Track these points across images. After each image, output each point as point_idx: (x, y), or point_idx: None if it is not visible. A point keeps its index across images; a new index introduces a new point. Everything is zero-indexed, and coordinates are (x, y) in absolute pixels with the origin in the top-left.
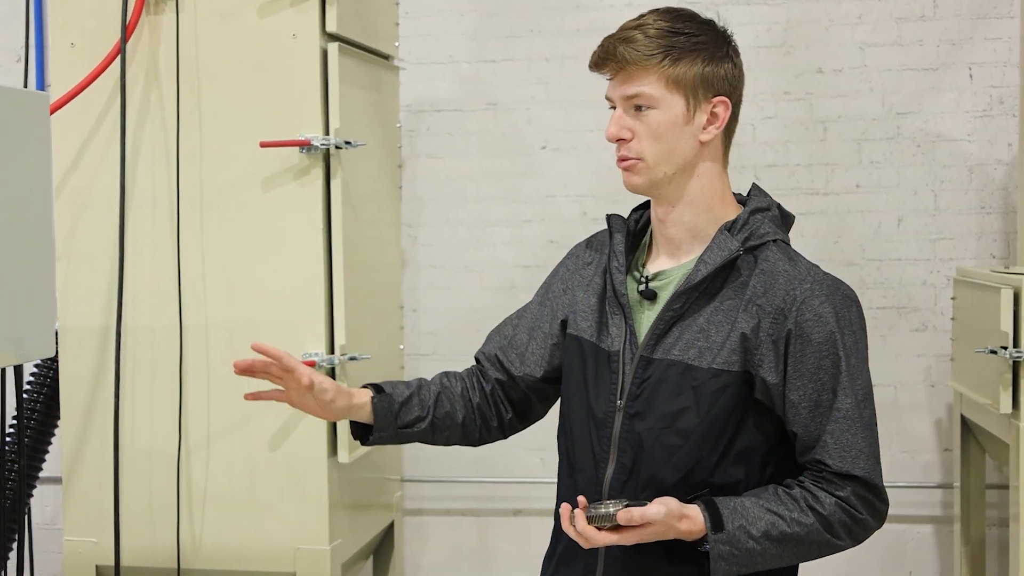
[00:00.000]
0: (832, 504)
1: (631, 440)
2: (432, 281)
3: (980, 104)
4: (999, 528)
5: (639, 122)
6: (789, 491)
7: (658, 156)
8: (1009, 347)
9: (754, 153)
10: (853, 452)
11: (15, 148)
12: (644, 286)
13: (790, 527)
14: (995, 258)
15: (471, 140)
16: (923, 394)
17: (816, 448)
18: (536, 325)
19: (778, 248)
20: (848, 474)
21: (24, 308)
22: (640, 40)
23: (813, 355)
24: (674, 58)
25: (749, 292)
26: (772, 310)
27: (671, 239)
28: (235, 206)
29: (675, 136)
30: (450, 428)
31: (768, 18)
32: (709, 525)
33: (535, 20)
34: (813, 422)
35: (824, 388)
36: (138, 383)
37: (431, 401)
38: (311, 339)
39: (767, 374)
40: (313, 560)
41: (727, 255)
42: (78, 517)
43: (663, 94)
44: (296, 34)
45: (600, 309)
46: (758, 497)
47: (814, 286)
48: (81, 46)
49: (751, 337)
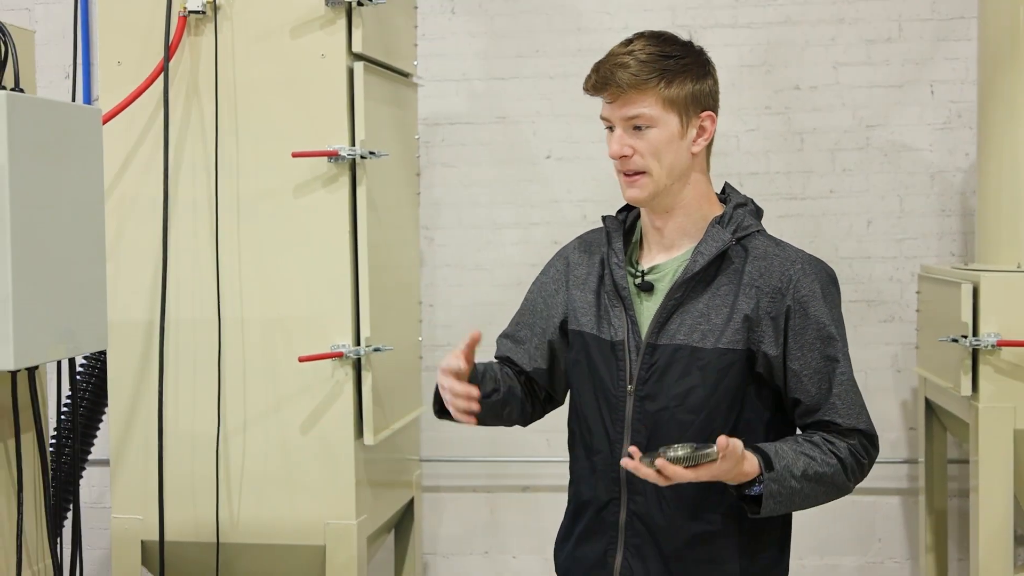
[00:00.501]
0: (846, 449)
1: (644, 420)
2: (447, 278)
3: (941, 117)
4: (960, 499)
5: (639, 140)
6: (810, 438)
7: (660, 170)
8: (969, 336)
9: (738, 162)
10: (856, 408)
11: (70, 158)
12: (640, 279)
13: (821, 467)
14: (955, 256)
15: (482, 150)
16: (891, 378)
17: (823, 409)
18: (533, 322)
19: (764, 236)
20: (855, 428)
21: (78, 305)
22: (635, 65)
23: (811, 327)
24: (668, 80)
25: (746, 277)
26: (770, 290)
27: (663, 236)
28: (269, 211)
29: (672, 151)
30: (512, 403)
31: (750, 40)
32: (763, 465)
33: (540, 42)
34: (816, 387)
35: (822, 356)
36: (180, 372)
37: (500, 376)
38: (338, 332)
39: (768, 348)
40: (341, 534)
41: (721, 245)
42: (125, 496)
43: (660, 114)
44: (325, 54)
45: (597, 303)
46: (785, 442)
47: (805, 266)
48: (127, 64)
49: (752, 316)
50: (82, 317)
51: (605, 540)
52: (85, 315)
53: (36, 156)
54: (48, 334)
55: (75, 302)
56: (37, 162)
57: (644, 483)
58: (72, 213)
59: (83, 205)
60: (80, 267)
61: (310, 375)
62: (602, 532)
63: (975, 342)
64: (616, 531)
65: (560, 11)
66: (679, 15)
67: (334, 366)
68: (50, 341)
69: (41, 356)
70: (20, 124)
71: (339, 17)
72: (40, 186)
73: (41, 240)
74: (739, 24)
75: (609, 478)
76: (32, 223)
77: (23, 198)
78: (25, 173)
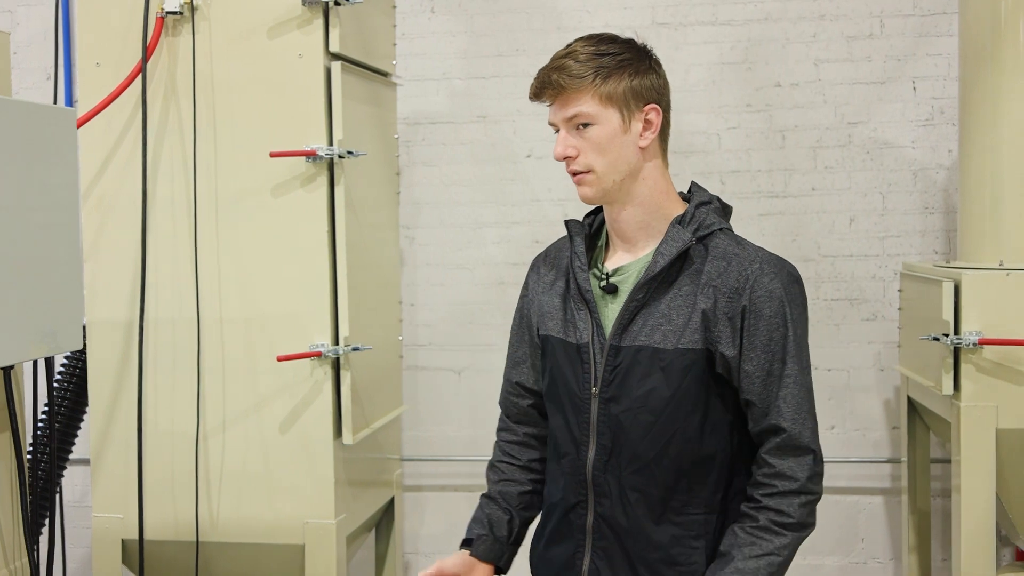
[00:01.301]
0: (796, 507)
1: (608, 423)
2: (428, 278)
3: (923, 114)
4: (942, 498)
5: (582, 139)
6: (757, 524)
7: (605, 167)
8: (950, 334)
9: (719, 160)
10: (803, 414)
11: (45, 159)
12: (605, 281)
13: (780, 555)
14: (938, 254)
15: (463, 149)
16: (873, 377)
17: (770, 414)
18: (528, 338)
19: (725, 235)
20: (801, 446)
21: (54, 305)
22: (571, 66)
23: (765, 327)
24: (603, 76)
25: (705, 276)
26: (727, 290)
27: (626, 237)
28: (247, 210)
29: (616, 146)
30: (532, 494)
31: (731, 37)
32: None
33: (520, 41)
34: (766, 389)
35: (775, 358)
36: (160, 372)
37: (503, 504)
38: (317, 331)
39: (725, 348)
40: (320, 533)
41: (681, 245)
42: (105, 495)
43: (599, 110)
44: (302, 54)
45: (564, 308)
46: (740, 549)
47: (763, 265)
48: (106, 66)
49: (710, 316)
50: (58, 317)
51: (573, 542)
52: (61, 315)
53: (9, 157)
54: (23, 334)
55: (50, 302)
56: (10, 163)
57: (610, 486)
58: (47, 214)
59: (58, 206)
60: (55, 267)
61: (289, 374)
62: (570, 534)
63: (956, 340)
64: (584, 534)
65: (539, 10)
66: (658, 12)
67: (313, 365)
68: (25, 341)
69: (16, 356)
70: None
71: (316, 17)
72: (13, 187)
73: (15, 240)
74: (719, 21)
75: (576, 480)
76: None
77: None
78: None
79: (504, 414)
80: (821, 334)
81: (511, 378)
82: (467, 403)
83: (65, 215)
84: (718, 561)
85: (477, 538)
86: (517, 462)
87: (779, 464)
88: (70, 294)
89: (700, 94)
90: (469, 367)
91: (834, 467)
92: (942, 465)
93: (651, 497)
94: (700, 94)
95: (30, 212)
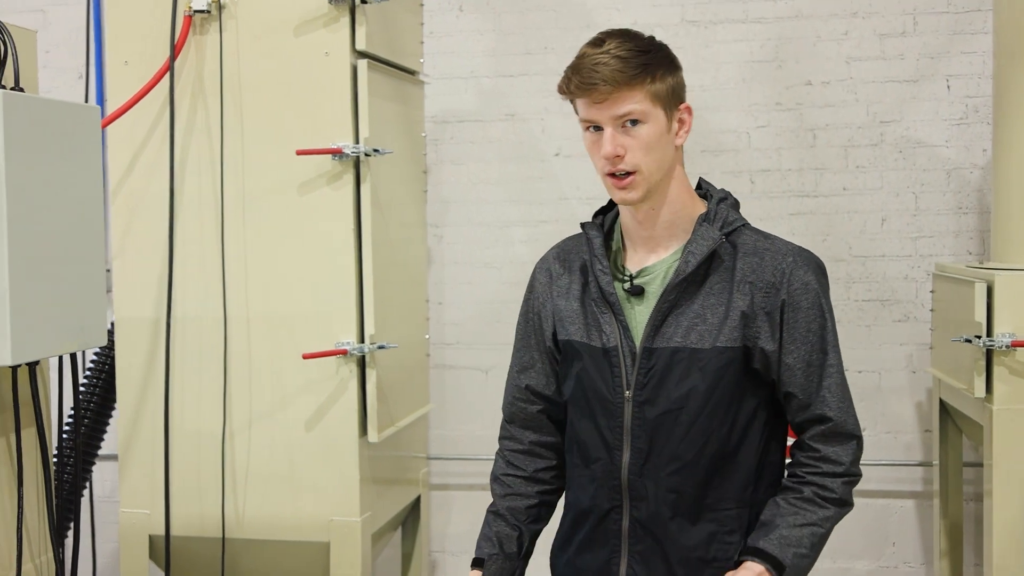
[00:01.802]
0: (840, 484)
1: (644, 426)
2: (456, 276)
3: (957, 113)
4: (975, 503)
5: (630, 138)
6: (800, 495)
7: (652, 166)
8: (983, 336)
9: (748, 159)
10: (846, 402)
11: (68, 156)
12: (629, 283)
13: (823, 527)
14: (971, 254)
15: (491, 148)
16: (905, 379)
17: (814, 404)
18: (536, 342)
19: (749, 230)
20: (846, 433)
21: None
22: (618, 63)
23: (803, 320)
24: (652, 75)
25: (739, 273)
26: (763, 285)
27: (650, 237)
28: (273, 208)
29: (662, 145)
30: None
31: (761, 35)
32: (775, 573)
33: (549, 39)
34: (807, 380)
35: (814, 348)
36: (187, 369)
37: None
38: (343, 329)
39: (765, 343)
40: (345, 530)
41: (712, 244)
42: (132, 491)
43: (650, 108)
44: (328, 52)
45: (583, 311)
46: (784, 518)
47: (796, 258)
48: (134, 64)
49: (748, 313)
50: (81, 313)
51: (608, 548)
52: (84, 311)
53: (33, 154)
54: (46, 330)
55: (74, 298)
56: (34, 160)
57: (647, 489)
58: (71, 210)
59: (82, 203)
60: (79, 264)
61: (314, 372)
62: (604, 541)
63: (989, 342)
64: (619, 539)
65: (568, 7)
66: (688, 10)
67: (338, 363)
68: (48, 337)
69: (39, 352)
70: (17, 123)
71: (343, 15)
72: (38, 184)
73: (39, 237)
74: (749, 19)
75: (609, 486)
76: (29, 220)
77: (20, 196)
78: (22, 171)
79: (507, 420)
80: (852, 335)
81: (519, 383)
82: (494, 402)
83: (88, 212)
84: (760, 529)
85: (489, 558)
86: (523, 473)
87: (824, 449)
88: (94, 291)
89: (730, 92)
90: (496, 366)
91: (865, 470)
92: (975, 469)
93: (688, 496)
94: (730, 92)
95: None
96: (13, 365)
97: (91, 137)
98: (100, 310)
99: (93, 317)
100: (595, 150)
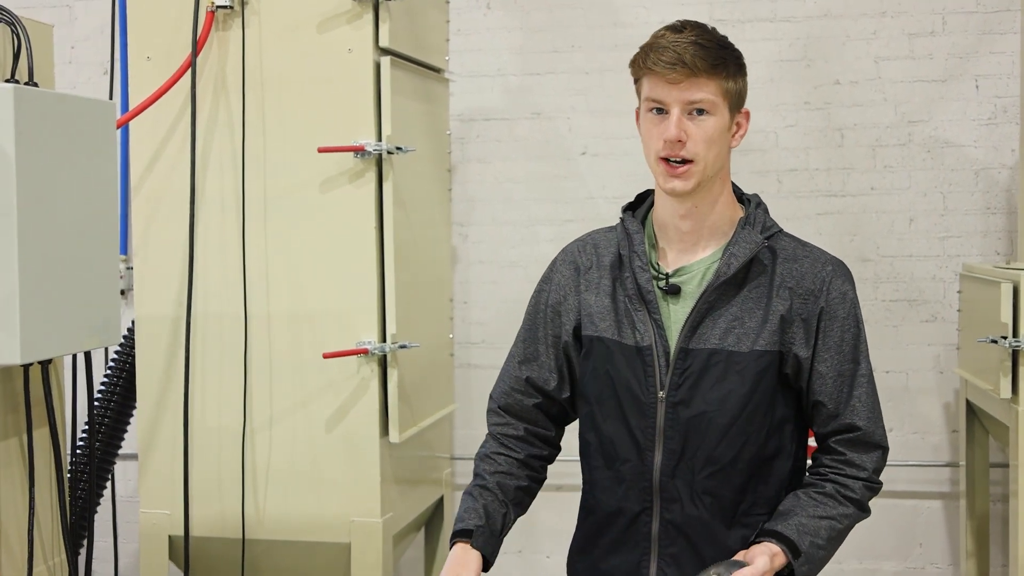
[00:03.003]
0: (861, 487)
1: (677, 427)
2: (481, 275)
3: (985, 113)
4: (1002, 504)
5: (695, 127)
6: (822, 490)
7: (709, 159)
8: (1009, 336)
9: (776, 159)
10: (876, 412)
11: (82, 152)
12: (665, 282)
13: (841, 523)
14: (1000, 255)
15: (517, 146)
16: (932, 380)
17: (845, 413)
18: (545, 335)
19: (787, 236)
20: (873, 443)
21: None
22: (700, 51)
23: (839, 329)
24: (730, 71)
25: (778, 279)
26: (803, 292)
27: (687, 236)
28: (295, 206)
29: (721, 142)
30: (527, 491)
31: (790, 34)
32: (791, 555)
33: (576, 36)
34: (838, 389)
35: (846, 358)
36: (207, 368)
37: (501, 496)
38: (364, 328)
39: (799, 350)
40: (366, 531)
41: (755, 247)
42: (152, 491)
43: (719, 102)
44: (351, 48)
45: (614, 307)
46: (804, 509)
47: (835, 268)
48: (156, 60)
49: (787, 318)
50: (93, 312)
51: (638, 551)
52: (96, 310)
53: (45, 150)
54: (58, 328)
55: (87, 296)
56: (46, 156)
57: (679, 491)
58: (84, 208)
59: (96, 200)
60: (93, 262)
61: (336, 371)
62: (634, 543)
63: (1015, 343)
64: (649, 541)
65: (596, 5)
66: (716, 8)
67: (360, 363)
68: (60, 335)
69: (50, 351)
70: (28, 117)
71: (366, 11)
72: (49, 180)
73: (50, 234)
74: (778, 18)
75: (640, 487)
76: (40, 217)
77: (31, 192)
78: (33, 167)
79: (501, 408)
80: (880, 335)
81: (519, 374)
82: None
83: (102, 209)
84: (779, 516)
85: (476, 530)
86: (516, 455)
87: (849, 454)
88: (107, 289)
89: (758, 91)
90: None
91: (892, 471)
92: (1002, 470)
93: (724, 500)
94: (758, 91)
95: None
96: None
97: (107, 133)
98: (114, 309)
99: (106, 316)
100: (654, 133)
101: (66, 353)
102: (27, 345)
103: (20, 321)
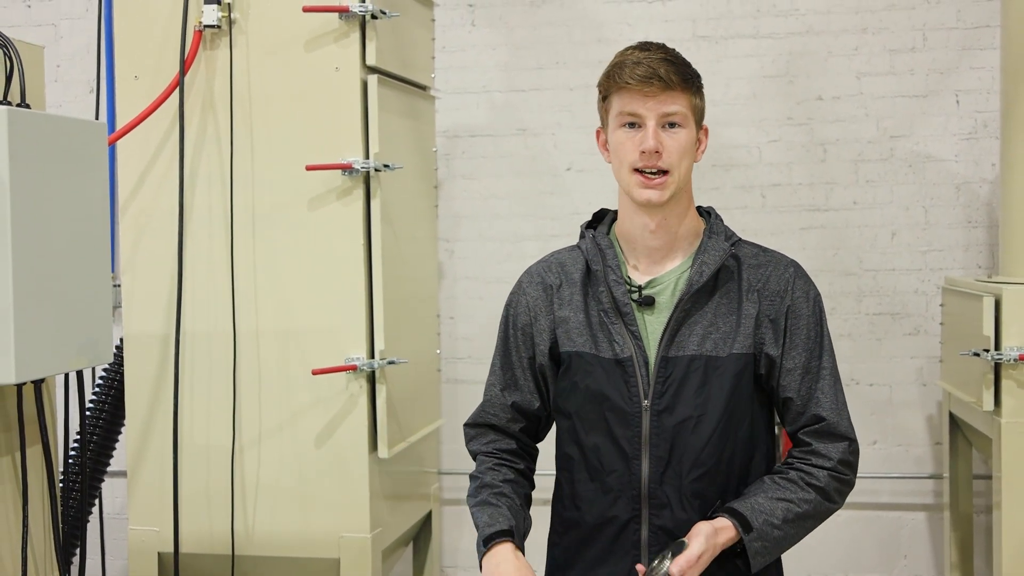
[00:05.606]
0: (825, 476)
1: (663, 434)
2: (468, 291)
3: (966, 128)
4: (985, 515)
5: (669, 138)
6: (786, 476)
7: (683, 171)
8: (991, 350)
9: (760, 174)
10: (840, 403)
11: (74, 172)
12: (639, 294)
13: (800, 507)
14: (981, 268)
15: (503, 162)
16: (915, 393)
17: (809, 406)
18: (519, 359)
19: (747, 243)
20: (839, 433)
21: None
22: (672, 67)
23: (804, 326)
24: (696, 87)
25: (745, 283)
26: (770, 293)
27: (654, 249)
28: (283, 223)
29: (690, 156)
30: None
31: (773, 50)
32: (741, 529)
33: (561, 53)
34: (804, 384)
35: (812, 354)
36: (196, 385)
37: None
38: (353, 345)
39: (770, 349)
40: (355, 547)
41: (723, 255)
42: (141, 508)
43: (689, 116)
44: (339, 67)
45: (588, 322)
46: (764, 492)
47: (796, 269)
48: (144, 78)
49: (758, 320)
50: (86, 331)
51: (628, 559)
52: (89, 329)
53: (38, 170)
54: (51, 347)
55: (80, 315)
56: (40, 176)
57: (668, 496)
58: (76, 227)
59: (88, 219)
60: (85, 281)
61: (324, 388)
62: (623, 551)
63: (997, 356)
64: (638, 549)
65: (580, 23)
66: (699, 26)
67: (348, 379)
68: (53, 354)
69: (44, 370)
70: (21, 139)
71: (353, 30)
72: (42, 201)
73: (44, 254)
74: (760, 34)
75: (628, 496)
76: (34, 237)
77: (24, 213)
78: (26, 187)
79: (491, 427)
80: (863, 348)
81: (505, 400)
82: None
83: (94, 229)
84: (739, 497)
85: (513, 529)
86: (516, 466)
87: (815, 444)
88: (100, 308)
89: (741, 107)
90: None
91: (876, 483)
92: (985, 481)
93: (710, 501)
94: (741, 107)
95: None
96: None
97: (97, 153)
98: (106, 327)
99: (99, 334)
100: (628, 146)
101: (60, 372)
102: (22, 365)
103: (14, 341)
